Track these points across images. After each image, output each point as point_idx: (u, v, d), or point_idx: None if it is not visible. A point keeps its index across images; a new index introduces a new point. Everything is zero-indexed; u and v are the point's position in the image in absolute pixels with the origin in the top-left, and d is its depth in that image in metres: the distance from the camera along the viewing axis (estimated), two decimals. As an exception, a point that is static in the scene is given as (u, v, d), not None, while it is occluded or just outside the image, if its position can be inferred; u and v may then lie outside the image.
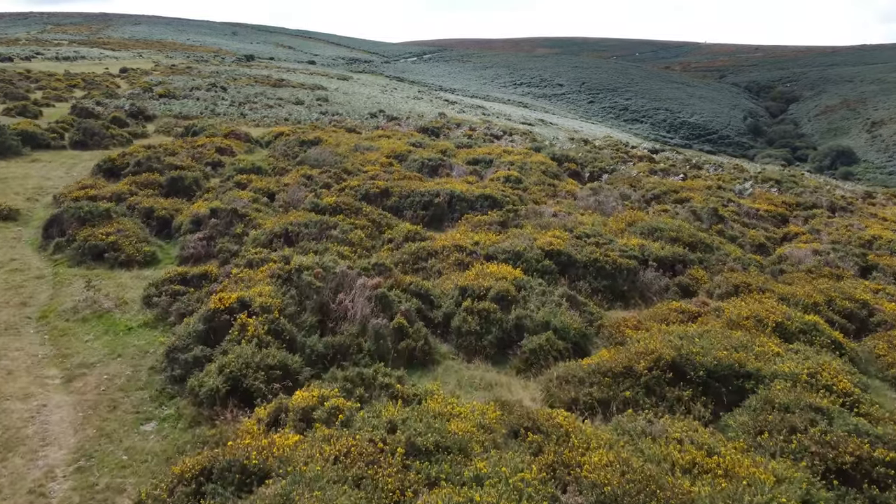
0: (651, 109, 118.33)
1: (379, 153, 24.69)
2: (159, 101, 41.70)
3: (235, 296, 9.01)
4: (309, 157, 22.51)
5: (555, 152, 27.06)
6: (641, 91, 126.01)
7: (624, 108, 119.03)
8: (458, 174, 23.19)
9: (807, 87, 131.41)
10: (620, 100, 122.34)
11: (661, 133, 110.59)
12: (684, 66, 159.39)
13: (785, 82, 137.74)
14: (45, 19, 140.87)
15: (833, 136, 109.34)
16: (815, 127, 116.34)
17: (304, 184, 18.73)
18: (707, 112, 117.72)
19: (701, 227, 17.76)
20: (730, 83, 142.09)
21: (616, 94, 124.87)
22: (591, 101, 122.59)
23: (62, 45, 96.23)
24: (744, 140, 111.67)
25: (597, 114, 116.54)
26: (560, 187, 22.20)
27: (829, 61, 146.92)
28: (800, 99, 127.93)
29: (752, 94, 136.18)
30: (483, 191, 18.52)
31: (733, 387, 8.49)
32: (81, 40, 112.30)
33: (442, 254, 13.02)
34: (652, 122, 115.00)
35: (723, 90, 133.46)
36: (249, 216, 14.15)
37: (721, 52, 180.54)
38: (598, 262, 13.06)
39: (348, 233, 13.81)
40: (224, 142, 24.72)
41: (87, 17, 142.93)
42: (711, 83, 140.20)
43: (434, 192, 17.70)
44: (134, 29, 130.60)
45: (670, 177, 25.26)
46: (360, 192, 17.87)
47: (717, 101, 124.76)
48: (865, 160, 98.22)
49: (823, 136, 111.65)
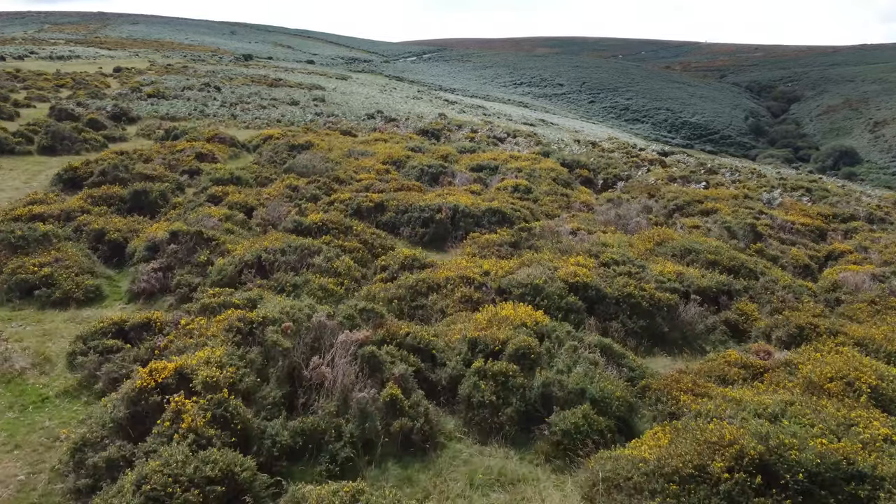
0: (652, 109, 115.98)
1: (374, 159, 22.32)
2: (148, 101, 39.31)
3: (173, 366, 6.64)
4: (297, 164, 20.13)
5: (564, 157, 24.67)
6: (642, 91, 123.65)
7: (625, 108, 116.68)
8: (461, 182, 20.83)
9: (808, 86, 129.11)
10: (621, 100, 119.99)
11: (663, 133, 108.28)
12: (684, 65, 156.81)
13: (786, 82, 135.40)
14: (42, 18, 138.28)
15: (835, 137, 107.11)
16: (817, 127, 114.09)
17: (289, 196, 16.35)
18: (708, 112, 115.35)
19: (738, 247, 15.41)
20: (730, 83, 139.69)
21: (617, 94, 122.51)
22: (591, 100, 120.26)
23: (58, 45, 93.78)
24: (745, 140, 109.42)
25: (597, 114, 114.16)
26: (574, 197, 19.82)
27: (829, 61, 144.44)
28: (801, 99, 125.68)
29: (754, 93, 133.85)
30: (490, 204, 16.14)
31: (844, 496, 6.15)
32: (78, 39, 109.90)
33: (445, 287, 10.65)
34: (653, 122, 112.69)
35: (724, 90, 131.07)
36: (217, 240, 11.76)
37: (721, 52, 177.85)
38: (632, 298, 10.69)
39: (334, 260, 11.43)
40: (206, 147, 22.32)
41: (85, 17, 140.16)
42: (712, 83, 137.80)
43: (435, 207, 15.32)
44: (132, 28, 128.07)
45: (691, 184, 22.90)
46: (352, 207, 15.49)
47: (718, 100, 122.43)
48: (868, 160, 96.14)
49: (825, 137, 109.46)
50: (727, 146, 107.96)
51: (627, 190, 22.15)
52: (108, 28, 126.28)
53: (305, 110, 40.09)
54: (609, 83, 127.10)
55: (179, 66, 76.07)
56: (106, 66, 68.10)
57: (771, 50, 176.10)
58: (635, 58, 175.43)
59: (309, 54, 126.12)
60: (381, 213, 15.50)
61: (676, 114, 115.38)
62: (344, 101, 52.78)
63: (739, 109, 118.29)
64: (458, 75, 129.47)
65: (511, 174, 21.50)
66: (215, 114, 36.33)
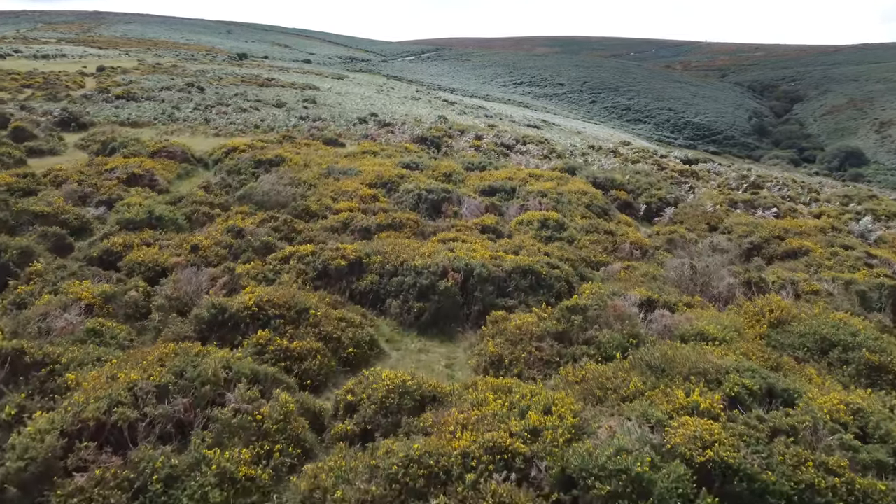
0: (654, 109, 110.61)
1: (359, 180, 16.94)
2: (115, 103, 33.85)
3: None
4: (255, 192, 14.73)
5: (594, 174, 19.26)
6: (644, 91, 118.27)
7: (626, 108, 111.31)
8: (471, 212, 15.49)
9: (811, 86, 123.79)
10: (623, 99, 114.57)
11: (665, 133, 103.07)
12: (685, 65, 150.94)
13: (788, 81, 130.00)
14: (37, 17, 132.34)
15: (840, 137, 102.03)
16: (821, 127, 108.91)
17: (228, 246, 10.97)
18: (711, 112, 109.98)
19: (885, 324, 10.10)
20: (732, 82, 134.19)
21: (618, 94, 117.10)
22: (592, 100, 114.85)
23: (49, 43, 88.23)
24: (749, 140, 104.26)
25: (599, 113, 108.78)
26: (619, 234, 14.46)
27: (832, 60, 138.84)
28: (804, 98, 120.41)
29: (756, 93, 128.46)
30: (516, 259, 10.74)
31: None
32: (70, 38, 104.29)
33: (461, 480, 5.33)
34: (655, 123, 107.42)
35: (726, 89, 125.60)
36: (57, 362, 6.41)
37: (721, 52, 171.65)
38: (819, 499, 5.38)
39: (257, 406, 6.08)
40: (145, 164, 16.92)
41: (80, 16, 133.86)
42: (714, 82, 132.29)
43: (438, 269, 9.90)
44: (127, 28, 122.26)
45: (757, 211, 17.56)
46: (315, 267, 10.12)
47: (720, 100, 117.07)
48: (875, 161, 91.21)
49: (830, 137, 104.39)
50: (731, 146, 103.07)
51: (680, 218, 16.83)
52: (103, 27, 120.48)
53: (290, 113, 34.62)
54: (610, 83, 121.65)
55: (169, 65, 70.95)
56: (91, 65, 63.02)
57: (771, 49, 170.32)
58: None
59: (306, 53, 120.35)
60: (357, 277, 10.12)
61: (679, 114, 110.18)
62: (337, 102, 47.31)
63: (742, 109, 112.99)
64: (457, 75, 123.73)
65: (533, 200, 16.14)
66: (186, 118, 30.90)
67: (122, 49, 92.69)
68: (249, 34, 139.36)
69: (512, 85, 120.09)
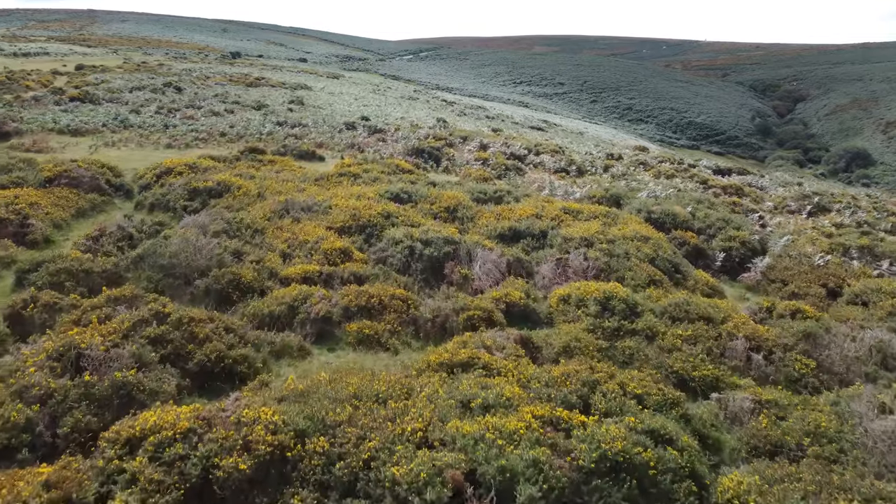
0: (656, 109, 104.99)
1: (327, 221, 11.46)
2: (64, 106, 28.22)
3: None
4: (159, 253, 9.24)
5: (648, 207, 13.77)
6: (645, 90, 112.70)
7: (628, 108, 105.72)
8: (486, 275, 10.05)
9: (813, 85, 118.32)
10: (624, 99, 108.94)
11: (668, 133, 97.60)
12: (685, 64, 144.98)
13: (790, 81, 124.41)
14: (29, 15, 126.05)
15: (845, 137, 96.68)
16: (825, 127, 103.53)
17: (40, 397, 5.59)
18: (714, 112, 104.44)
19: None
20: (734, 82, 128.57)
21: (619, 94, 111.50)
22: (593, 100, 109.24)
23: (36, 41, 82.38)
24: (753, 141, 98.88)
25: (600, 113, 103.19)
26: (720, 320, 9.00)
27: (834, 59, 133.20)
28: (807, 98, 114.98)
29: (758, 92, 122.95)
30: (593, 429, 5.37)
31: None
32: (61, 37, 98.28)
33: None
34: (657, 122, 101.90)
35: (728, 89, 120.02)
36: None
37: (721, 51, 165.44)
38: None
39: None
40: (28, 197, 11.44)
41: (72, 14, 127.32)
42: (715, 82, 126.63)
43: (445, 479, 4.54)
44: (121, 26, 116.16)
45: (883, 264, 12.17)
46: (186, 473, 4.74)
47: (723, 100, 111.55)
48: (882, 162, 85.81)
49: (835, 137, 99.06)
50: (734, 147, 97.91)
51: (780, 276, 11.40)
52: (96, 25, 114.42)
53: (267, 118, 29.02)
54: (611, 82, 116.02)
55: (155, 63, 65.65)
56: (71, 63, 57.72)
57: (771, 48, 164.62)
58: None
59: (302, 52, 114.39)
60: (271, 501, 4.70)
61: (681, 113, 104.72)
62: (327, 103, 41.69)
63: (745, 109, 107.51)
64: (455, 74, 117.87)
65: (576, 255, 10.68)
66: (142, 123, 25.34)
67: (112, 47, 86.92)
68: (245, 33, 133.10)
69: (511, 84, 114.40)
